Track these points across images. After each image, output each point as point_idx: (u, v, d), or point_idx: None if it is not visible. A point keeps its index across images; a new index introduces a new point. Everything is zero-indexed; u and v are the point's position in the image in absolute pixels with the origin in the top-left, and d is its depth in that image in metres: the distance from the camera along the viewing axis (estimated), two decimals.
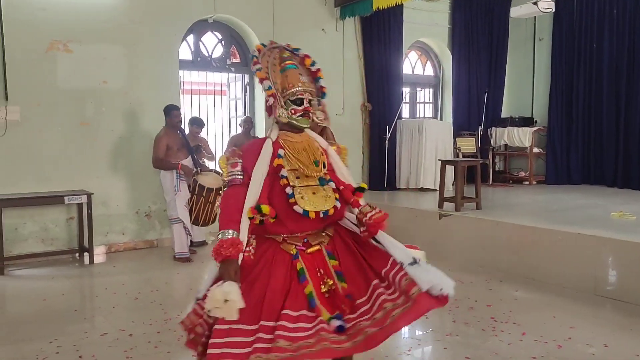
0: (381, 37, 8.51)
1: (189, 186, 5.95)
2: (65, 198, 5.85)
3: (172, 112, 6.08)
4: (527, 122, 9.51)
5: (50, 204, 6.03)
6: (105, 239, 6.48)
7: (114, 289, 4.99)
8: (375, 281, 2.29)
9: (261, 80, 2.44)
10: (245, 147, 2.43)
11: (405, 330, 4.04)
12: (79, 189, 6.16)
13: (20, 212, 5.98)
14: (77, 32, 6.23)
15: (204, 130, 6.76)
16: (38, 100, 6.07)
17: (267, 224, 2.25)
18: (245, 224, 2.21)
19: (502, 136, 9.48)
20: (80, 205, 6.14)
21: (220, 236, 2.18)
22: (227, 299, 2.00)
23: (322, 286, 2.24)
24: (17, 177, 5.95)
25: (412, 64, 9.75)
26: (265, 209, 2.21)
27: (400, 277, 2.23)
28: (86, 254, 6.11)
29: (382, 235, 2.41)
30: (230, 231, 2.17)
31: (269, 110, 2.43)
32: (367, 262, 2.37)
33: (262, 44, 2.60)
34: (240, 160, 2.33)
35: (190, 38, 7.35)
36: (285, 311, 2.11)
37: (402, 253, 2.33)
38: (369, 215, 2.38)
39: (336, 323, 2.12)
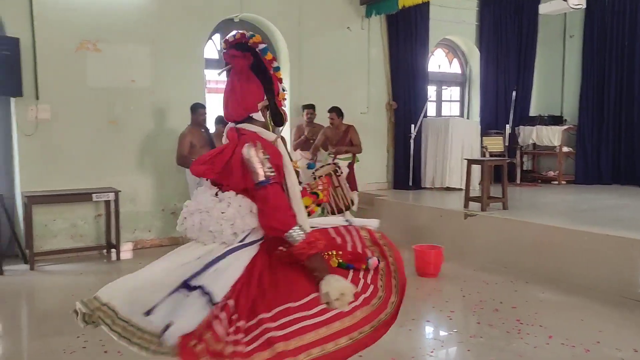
0: (407, 34, 8.44)
1: None
2: (94, 195, 5.96)
3: (198, 109, 6.21)
4: (556, 120, 9.33)
5: (78, 201, 6.16)
6: (132, 236, 6.59)
7: None
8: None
9: (280, 81, 2.34)
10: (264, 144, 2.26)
11: (428, 330, 4.02)
12: (107, 186, 6.27)
13: (50, 209, 6.12)
14: (106, 31, 6.33)
15: None
16: (68, 99, 6.20)
17: None
18: (306, 217, 2.24)
19: (531, 135, 9.32)
20: (108, 203, 6.24)
21: (300, 231, 2.11)
22: (344, 293, 2.05)
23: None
24: (47, 174, 6.08)
25: (438, 61, 9.65)
26: (321, 194, 2.30)
27: (355, 231, 2.43)
28: (113, 250, 6.22)
29: None
30: (301, 227, 2.13)
31: (267, 112, 2.34)
32: None
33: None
34: (269, 156, 2.20)
35: (216, 37, 7.40)
36: None
37: (334, 220, 2.52)
38: None
39: (374, 261, 2.28)
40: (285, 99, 2.38)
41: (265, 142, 2.24)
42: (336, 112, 6.81)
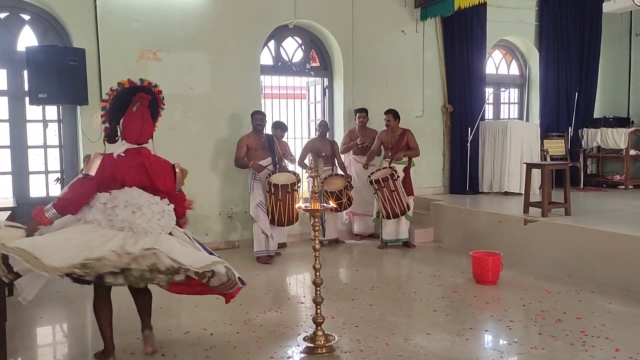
0: (463, 36, 8.28)
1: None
2: None
3: (253, 116, 6.38)
4: (622, 122, 8.93)
5: None
6: None
7: None
8: None
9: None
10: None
11: (487, 340, 3.91)
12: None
13: None
14: (165, 41, 6.53)
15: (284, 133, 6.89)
16: None
17: None
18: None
19: (595, 137, 8.95)
20: None
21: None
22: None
23: None
24: None
25: (495, 63, 9.41)
26: None
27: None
28: None
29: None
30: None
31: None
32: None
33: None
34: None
35: (271, 44, 7.49)
36: None
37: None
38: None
39: None
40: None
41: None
42: (392, 114, 6.76)
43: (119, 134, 3.51)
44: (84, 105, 6.09)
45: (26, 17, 6.26)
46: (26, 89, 5.95)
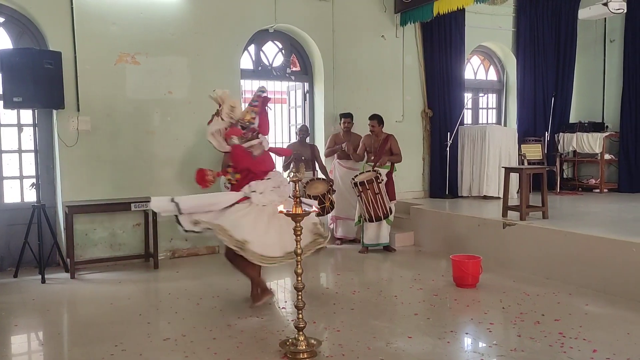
0: (442, 42, 8.36)
1: None
2: (132, 205, 6.04)
3: None
4: (597, 127, 9.08)
5: (118, 211, 6.26)
6: (169, 245, 6.66)
7: (177, 294, 5.11)
8: None
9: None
10: None
11: (467, 343, 3.92)
12: (145, 195, 6.35)
13: (91, 218, 6.24)
14: (144, 44, 6.47)
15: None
16: (107, 111, 6.34)
17: None
18: None
19: (571, 142, 9.10)
20: (146, 212, 6.33)
21: None
22: None
23: None
24: (87, 184, 6.22)
25: (474, 68, 9.52)
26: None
27: None
28: (151, 259, 6.30)
29: None
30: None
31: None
32: None
33: None
34: None
35: (252, 48, 7.48)
36: None
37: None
38: None
39: None
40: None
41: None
42: (377, 119, 6.79)
43: None
44: (60, 109, 5.97)
45: (0, 20, 6.14)
46: (0, 92, 5.83)
